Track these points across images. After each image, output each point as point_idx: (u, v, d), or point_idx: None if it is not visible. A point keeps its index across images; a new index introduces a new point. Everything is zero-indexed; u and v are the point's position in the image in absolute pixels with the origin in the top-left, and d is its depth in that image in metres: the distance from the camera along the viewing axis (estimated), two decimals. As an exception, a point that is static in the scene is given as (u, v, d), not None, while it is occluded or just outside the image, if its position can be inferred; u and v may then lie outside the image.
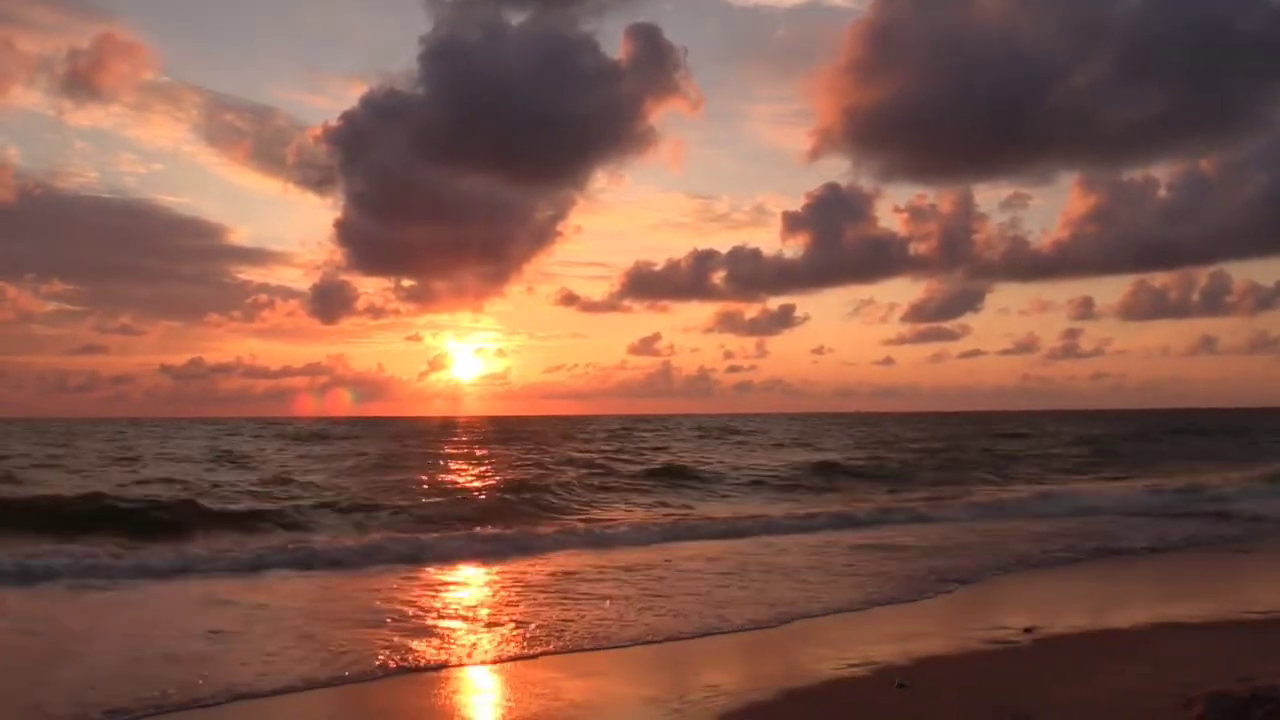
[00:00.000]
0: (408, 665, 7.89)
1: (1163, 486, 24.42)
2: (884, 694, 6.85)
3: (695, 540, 16.15)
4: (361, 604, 10.52)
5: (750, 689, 7.07)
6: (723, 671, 7.86)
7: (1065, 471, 32.45)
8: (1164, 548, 15.01)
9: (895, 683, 7.06)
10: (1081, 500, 21.87)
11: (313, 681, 7.35)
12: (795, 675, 7.50)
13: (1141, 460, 35.94)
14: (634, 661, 8.20)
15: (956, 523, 18.48)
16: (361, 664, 7.83)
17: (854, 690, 6.99)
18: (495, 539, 15.68)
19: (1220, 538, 16.11)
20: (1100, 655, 7.87)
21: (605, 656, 8.30)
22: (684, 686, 7.23)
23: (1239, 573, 13.41)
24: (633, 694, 7.13)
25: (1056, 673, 7.28)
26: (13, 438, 53.43)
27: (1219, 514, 19.11)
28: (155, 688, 7.04)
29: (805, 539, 16.20)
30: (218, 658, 8.02)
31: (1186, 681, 6.50)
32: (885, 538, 16.05)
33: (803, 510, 20.33)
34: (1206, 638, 8.60)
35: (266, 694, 7.05)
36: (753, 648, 8.79)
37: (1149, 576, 13.13)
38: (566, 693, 7.07)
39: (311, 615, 10.00)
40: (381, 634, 8.89)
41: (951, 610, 10.47)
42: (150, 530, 16.11)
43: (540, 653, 8.32)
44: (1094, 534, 16.25)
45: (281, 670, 7.60)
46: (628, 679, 7.62)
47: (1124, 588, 12.14)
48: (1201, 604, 10.34)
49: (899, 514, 19.43)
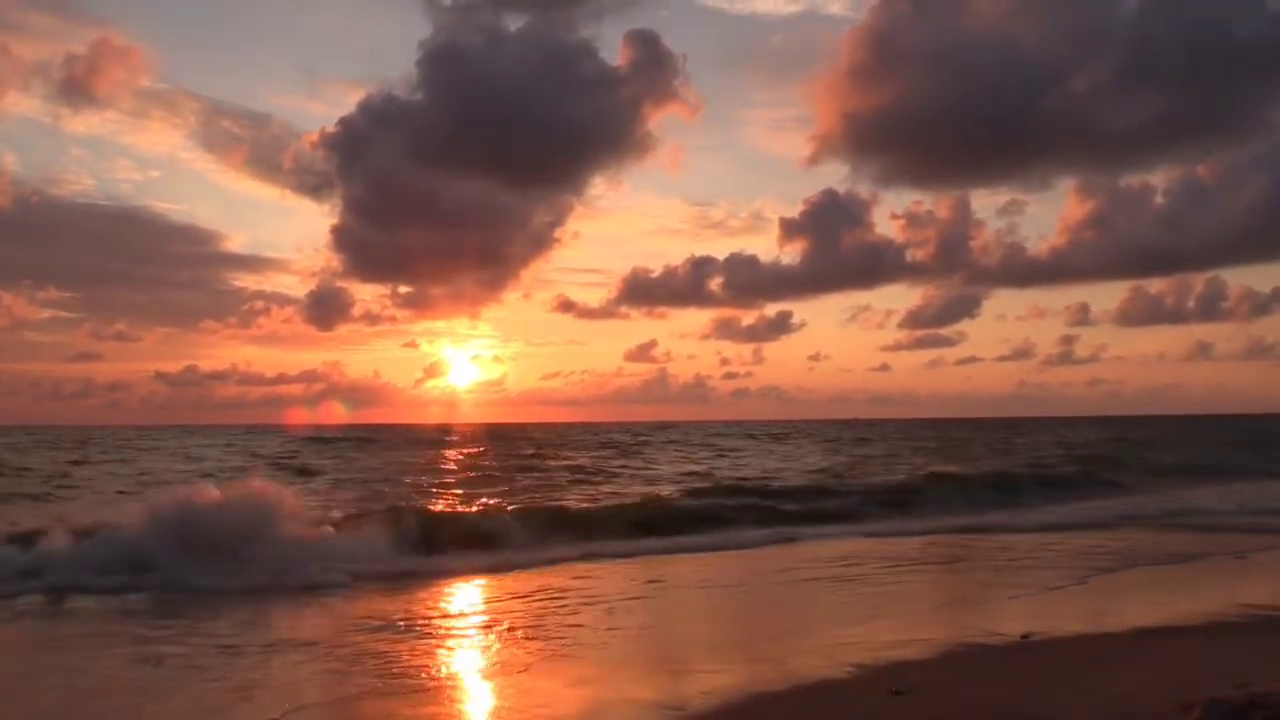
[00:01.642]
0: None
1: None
2: (880, 700, 6.83)
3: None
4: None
5: (748, 687, 7.07)
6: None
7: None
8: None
9: (891, 690, 7.04)
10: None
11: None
12: (791, 680, 7.49)
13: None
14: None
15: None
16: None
17: (850, 697, 6.97)
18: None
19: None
20: (1097, 660, 7.85)
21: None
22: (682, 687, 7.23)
23: (1237, 578, 13.39)
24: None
25: (1054, 678, 7.27)
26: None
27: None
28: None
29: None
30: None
31: (1184, 687, 6.48)
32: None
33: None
34: (1204, 643, 8.58)
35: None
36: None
37: (1145, 583, 13.11)
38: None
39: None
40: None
41: (948, 616, 10.46)
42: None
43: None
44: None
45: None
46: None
47: (1121, 594, 12.11)
48: (1199, 609, 10.33)
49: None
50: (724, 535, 18.18)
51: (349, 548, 14.55)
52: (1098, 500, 25.05)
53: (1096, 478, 30.66)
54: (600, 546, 16.24)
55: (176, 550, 13.19)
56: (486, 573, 13.92)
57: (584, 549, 15.94)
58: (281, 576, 12.76)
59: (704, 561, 15.44)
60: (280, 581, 12.61)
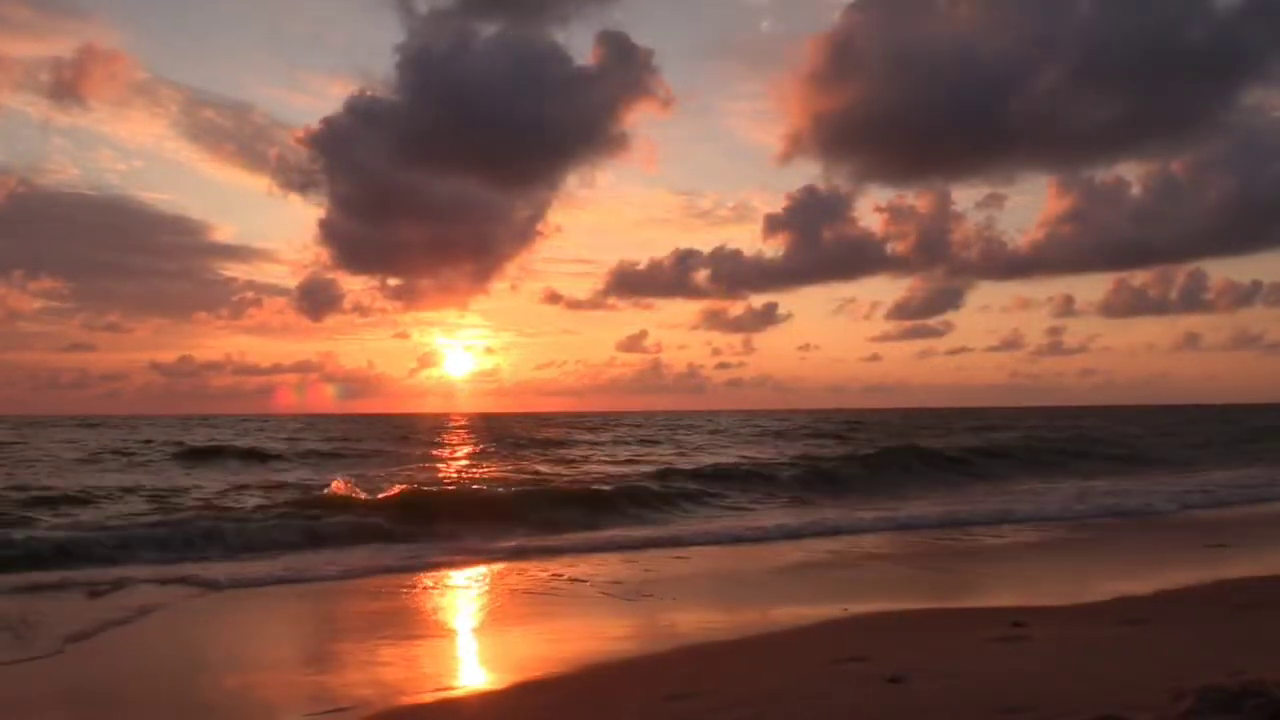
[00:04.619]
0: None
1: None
2: (876, 688, 6.84)
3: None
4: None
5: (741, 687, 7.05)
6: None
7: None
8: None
9: (887, 677, 7.05)
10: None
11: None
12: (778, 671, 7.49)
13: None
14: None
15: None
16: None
17: (844, 685, 6.98)
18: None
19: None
20: (1090, 648, 7.88)
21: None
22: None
23: (1228, 565, 13.50)
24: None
25: (1046, 666, 7.29)
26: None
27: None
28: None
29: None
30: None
31: (1177, 674, 6.51)
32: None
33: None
34: (1198, 630, 8.64)
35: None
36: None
37: (1137, 569, 13.20)
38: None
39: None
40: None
41: (941, 603, 10.50)
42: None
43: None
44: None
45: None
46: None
47: (1113, 581, 12.19)
48: (1191, 596, 10.41)
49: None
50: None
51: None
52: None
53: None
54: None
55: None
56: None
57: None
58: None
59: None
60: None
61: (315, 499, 20.77)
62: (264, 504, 20.69)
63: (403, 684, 7.77)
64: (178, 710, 7.31)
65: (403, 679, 7.95)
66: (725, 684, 7.09)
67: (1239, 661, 6.63)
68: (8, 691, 7.95)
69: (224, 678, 8.10)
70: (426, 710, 7.06)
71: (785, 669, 7.58)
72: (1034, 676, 6.90)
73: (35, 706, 7.51)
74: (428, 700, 7.29)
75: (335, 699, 7.31)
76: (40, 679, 8.30)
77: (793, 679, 7.17)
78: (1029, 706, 5.94)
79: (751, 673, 7.51)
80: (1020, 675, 6.96)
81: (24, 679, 8.30)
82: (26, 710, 7.41)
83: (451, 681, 8.03)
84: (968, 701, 6.18)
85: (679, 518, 21.03)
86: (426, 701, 7.25)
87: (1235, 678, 5.84)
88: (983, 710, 5.95)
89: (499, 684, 7.84)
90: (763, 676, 7.33)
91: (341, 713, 6.95)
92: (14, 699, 7.70)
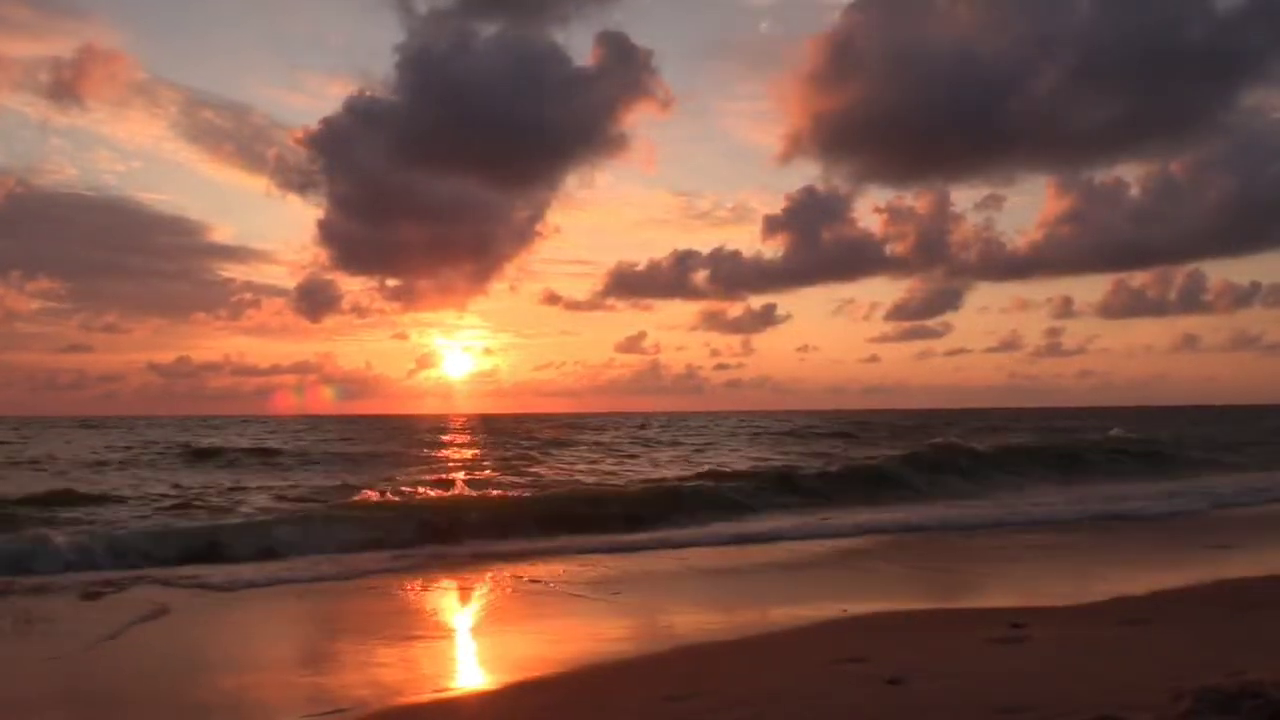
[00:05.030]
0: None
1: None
2: (875, 688, 6.82)
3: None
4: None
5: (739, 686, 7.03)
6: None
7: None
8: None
9: (886, 678, 7.03)
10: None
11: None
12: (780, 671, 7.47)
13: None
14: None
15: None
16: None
17: (844, 685, 6.96)
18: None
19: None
20: (1090, 648, 7.87)
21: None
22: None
23: (1228, 566, 13.47)
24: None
25: (1045, 666, 7.27)
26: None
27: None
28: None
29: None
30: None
31: (1176, 675, 6.49)
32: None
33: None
34: (1197, 631, 8.62)
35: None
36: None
37: (1137, 570, 13.18)
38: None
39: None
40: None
41: (941, 604, 10.48)
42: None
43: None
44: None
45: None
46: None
47: (1113, 582, 12.16)
48: (1190, 597, 10.38)
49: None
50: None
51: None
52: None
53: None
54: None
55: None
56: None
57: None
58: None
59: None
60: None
61: (323, 502, 20.78)
62: (267, 505, 20.77)
63: (401, 684, 7.77)
64: (177, 710, 7.30)
65: (401, 679, 7.94)
66: (724, 684, 7.07)
67: (1238, 662, 6.60)
68: (9, 691, 7.97)
69: (222, 678, 8.10)
70: (424, 711, 7.05)
71: (785, 669, 7.56)
72: (1033, 677, 6.89)
73: (36, 706, 7.51)
74: (425, 701, 7.28)
75: (333, 700, 7.30)
76: (40, 679, 8.31)
77: (792, 679, 7.15)
78: (1028, 707, 5.93)
79: (751, 673, 7.50)
80: (1020, 675, 6.95)
81: (25, 679, 8.31)
82: (28, 710, 7.41)
83: (449, 682, 8.03)
84: (967, 702, 6.17)
85: (696, 523, 20.67)
86: (424, 702, 7.24)
87: (1234, 678, 5.82)
88: (982, 710, 5.94)
89: (497, 684, 7.84)
90: (762, 677, 7.31)
91: (339, 713, 6.94)
92: (15, 699, 7.70)
